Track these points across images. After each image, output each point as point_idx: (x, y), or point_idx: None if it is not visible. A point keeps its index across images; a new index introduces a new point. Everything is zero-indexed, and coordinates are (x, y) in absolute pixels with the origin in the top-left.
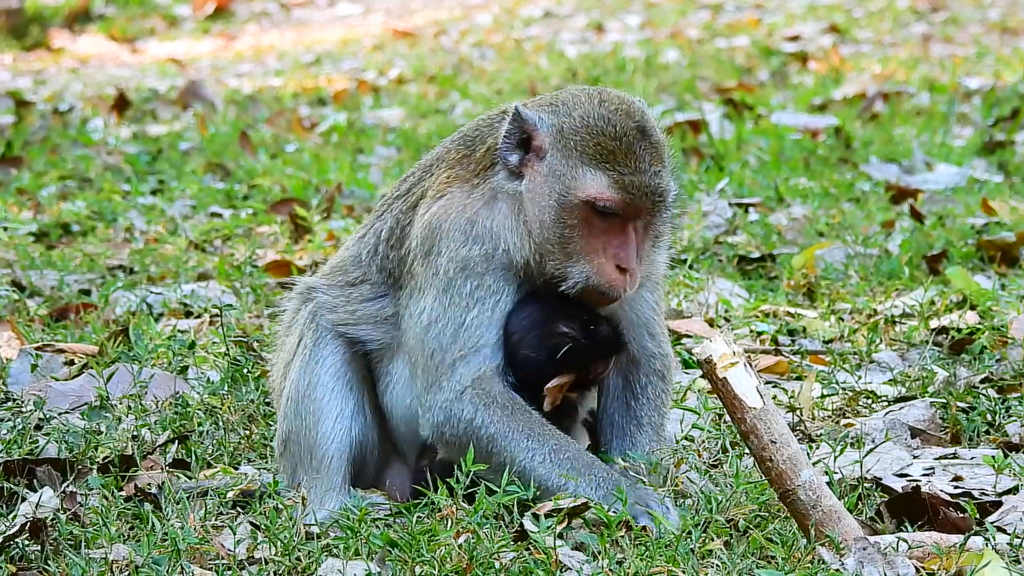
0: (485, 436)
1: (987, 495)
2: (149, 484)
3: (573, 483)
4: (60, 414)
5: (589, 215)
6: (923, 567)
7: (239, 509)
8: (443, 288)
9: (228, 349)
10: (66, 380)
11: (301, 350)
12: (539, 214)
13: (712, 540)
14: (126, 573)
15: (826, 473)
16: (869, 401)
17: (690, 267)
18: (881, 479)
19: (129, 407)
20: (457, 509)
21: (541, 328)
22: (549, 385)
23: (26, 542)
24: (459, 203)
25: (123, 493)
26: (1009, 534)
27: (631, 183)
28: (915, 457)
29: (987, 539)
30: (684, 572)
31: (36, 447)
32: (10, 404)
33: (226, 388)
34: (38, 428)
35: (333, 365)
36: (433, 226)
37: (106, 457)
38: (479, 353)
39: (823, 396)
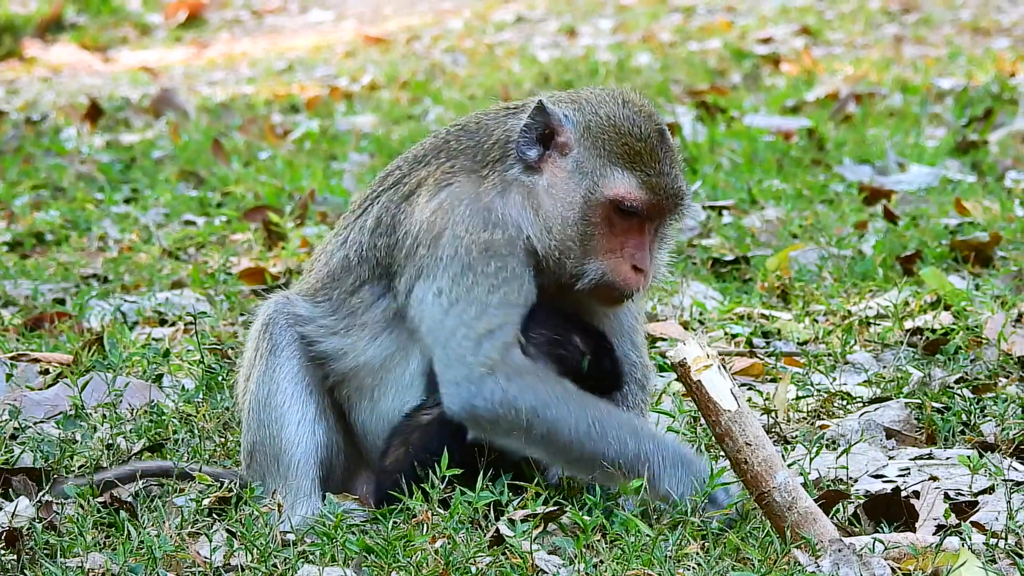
0: (525, 408)
1: (963, 495)
2: (125, 492)
3: (631, 448)
4: (35, 423)
5: (611, 214)
6: (899, 568)
7: (215, 516)
8: (461, 270)
9: (203, 357)
10: (41, 389)
11: (258, 360)
12: (562, 210)
13: (688, 543)
14: None
15: (801, 475)
16: (844, 402)
17: None
18: (857, 480)
19: (104, 416)
20: (432, 514)
21: (554, 332)
22: None
23: (2, 551)
24: (471, 190)
25: (101, 499)
26: (985, 533)
27: (657, 184)
28: (890, 458)
29: (963, 539)
30: (660, 575)
31: (11, 456)
32: None
33: (201, 396)
34: (13, 437)
35: (291, 371)
36: (445, 210)
37: (82, 466)
38: (504, 330)
39: (798, 398)
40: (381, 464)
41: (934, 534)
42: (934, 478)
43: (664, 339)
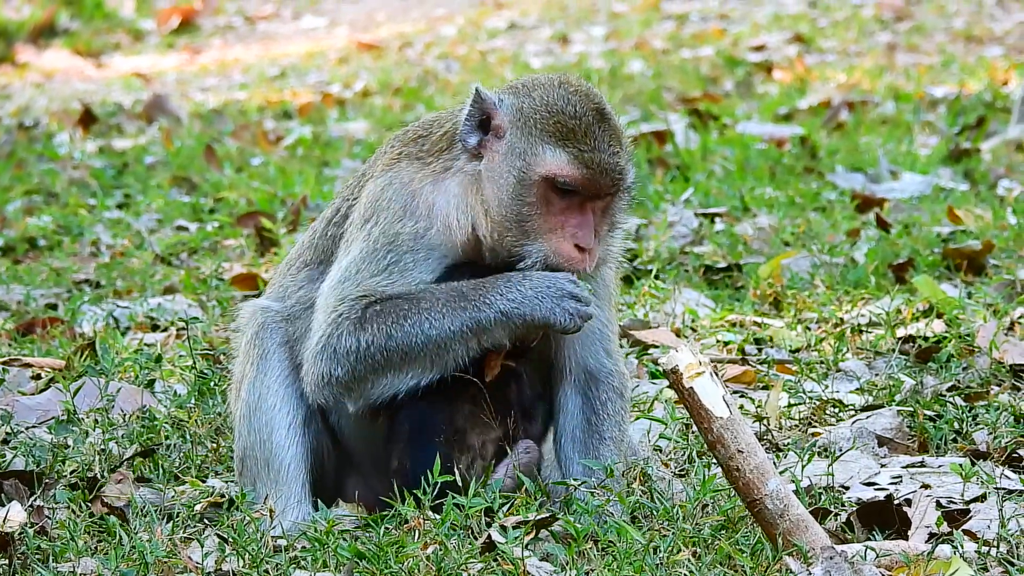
0: (380, 350)
1: (955, 503)
2: (117, 497)
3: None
4: (27, 428)
5: (548, 192)
6: (891, 575)
7: (207, 522)
8: (366, 252)
9: (195, 362)
10: (33, 394)
11: (248, 367)
12: (497, 192)
13: (679, 550)
14: None
15: (793, 482)
16: (836, 410)
17: (656, 277)
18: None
19: (96, 421)
20: (424, 520)
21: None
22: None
23: None
24: (406, 176)
25: (91, 506)
26: (977, 541)
27: (590, 160)
28: (882, 466)
29: (955, 547)
30: None
31: (3, 461)
32: None
33: (193, 401)
34: (5, 442)
35: (280, 375)
36: (376, 195)
37: (73, 471)
38: (365, 297)
39: (790, 405)
40: (390, 470)
41: (926, 542)
42: (926, 486)
43: (656, 346)
